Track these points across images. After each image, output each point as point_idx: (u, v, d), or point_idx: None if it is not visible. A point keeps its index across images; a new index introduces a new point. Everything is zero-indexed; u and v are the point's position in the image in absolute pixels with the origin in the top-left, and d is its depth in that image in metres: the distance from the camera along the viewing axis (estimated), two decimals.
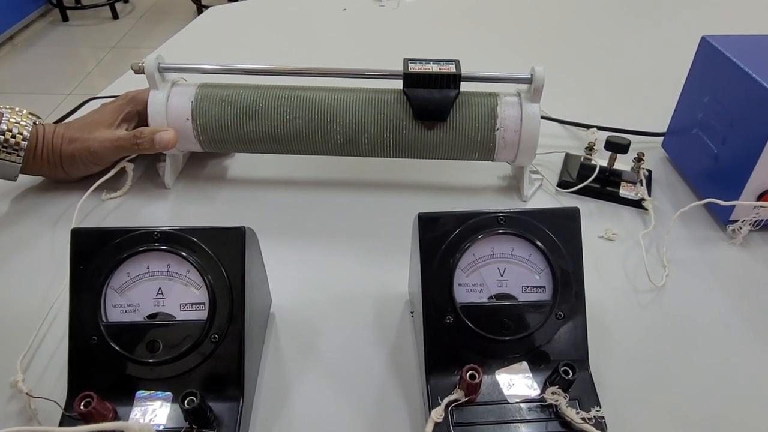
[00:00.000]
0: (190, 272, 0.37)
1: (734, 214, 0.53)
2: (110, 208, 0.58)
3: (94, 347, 0.36)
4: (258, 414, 0.39)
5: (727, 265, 0.52)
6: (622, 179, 0.60)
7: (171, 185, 0.60)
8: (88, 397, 0.33)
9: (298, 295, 0.48)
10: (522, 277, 0.38)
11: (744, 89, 0.50)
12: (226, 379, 0.36)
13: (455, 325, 0.37)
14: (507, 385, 0.37)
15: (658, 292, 0.49)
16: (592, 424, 0.34)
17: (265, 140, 0.56)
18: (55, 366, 0.42)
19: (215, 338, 0.36)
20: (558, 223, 0.39)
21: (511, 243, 0.38)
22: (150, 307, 0.37)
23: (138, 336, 0.36)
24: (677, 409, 0.40)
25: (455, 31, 1.02)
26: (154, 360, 0.36)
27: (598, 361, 0.38)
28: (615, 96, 0.79)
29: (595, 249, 0.53)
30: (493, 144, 0.55)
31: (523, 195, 0.59)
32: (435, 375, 0.37)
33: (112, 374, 0.36)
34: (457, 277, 0.38)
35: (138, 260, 0.37)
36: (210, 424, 0.35)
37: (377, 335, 0.45)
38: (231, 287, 0.37)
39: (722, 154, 0.54)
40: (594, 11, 1.10)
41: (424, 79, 0.51)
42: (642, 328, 0.46)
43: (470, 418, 0.35)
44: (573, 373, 0.35)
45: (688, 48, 0.59)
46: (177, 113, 0.55)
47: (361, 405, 0.40)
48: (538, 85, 0.53)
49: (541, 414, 0.35)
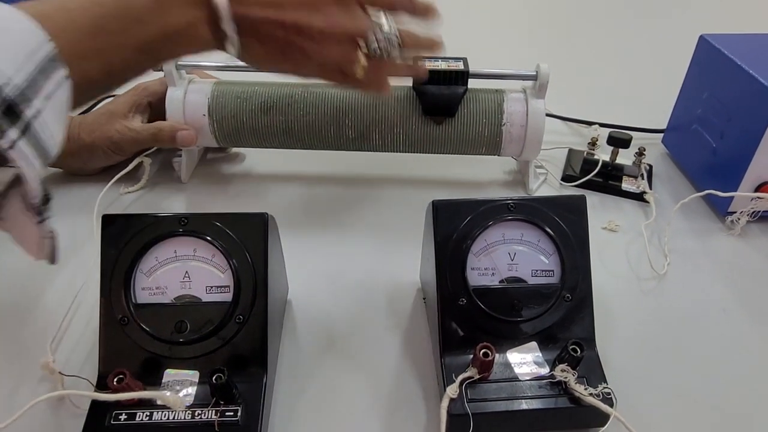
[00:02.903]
0: (215, 256, 0.39)
1: (732, 205, 0.55)
2: (128, 201, 0.59)
3: (124, 328, 0.37)
4: (279, 392, 0.41)
5: (726, 254, 0.54)
6: (624, 173, 0.62)
7: (187, 180, 0.62)
8: (121, 374, 0.35)
9: (313, 284, 0.50)
10: (531, 261, 0.40)
11: (741, 85, 0.52)
12: (250, 358, 0.38)
13: (468, 306, 0.39)
14: (518, 364, 0.38)
15: (660, 280, 0.51)
16: (600, 399, 0.36)
17: (279, 135, 0.58)
18: (82, 349, 0.43)
19: (240, 319, 0.38)
20: (565, 210, 0.41)
21: (521, 229, 0.40)
22: (177, 289, 0.38)
23: (166, 317, 0.38)
24: (678, 388, 0.42)
25: (459, 30, 1.03)
26: (183, 340, 0.37)
27: (603, 343, 0.40)
28: (616, 94, 0.82)
29: (599, 240, 0.55)
30: (500, 139, 0.57)
31: (529, 188, 0.61)
32: (449, 354, 0.39)
33: (141, 354, 0.37)
34: (470, 262, 0.40)
35: (165, 245, 0.39)
36: (235, 400, 0.36)
37: (391, 321, 0.47)
38: (255, 270, 0.38)
39: (721, 148, 0.56)
40: (595, 13, 1.12)
41: (433, 76, 0.53)
42: (645, 313, 0.48)
43: (483, 394, 0.37)
44: (581, 350, 0.37)
45: (687, 47, 0.62)
46: (194, 109, 0.57)
47: (377, 384, 0.42)
48: (543, 81, 0.55)
49: (550, 391, 0.37)
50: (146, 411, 0.35)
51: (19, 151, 0.28)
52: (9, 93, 0.27)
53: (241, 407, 0.36)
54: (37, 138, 0.29)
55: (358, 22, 0.42)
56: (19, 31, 0.28)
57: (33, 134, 0.29)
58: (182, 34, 0.37)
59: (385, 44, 0.43)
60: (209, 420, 0.35)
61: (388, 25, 0.43)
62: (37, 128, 0.29)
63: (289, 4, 0.39)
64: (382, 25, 0.43)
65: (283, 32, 0.40)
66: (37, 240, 0.32)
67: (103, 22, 0.33)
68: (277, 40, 0.40)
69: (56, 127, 0.31)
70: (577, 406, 0.36)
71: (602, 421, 0.36)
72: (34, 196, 0.30)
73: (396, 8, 0.45)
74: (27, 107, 0.28)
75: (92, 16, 0.33)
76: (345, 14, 0.41)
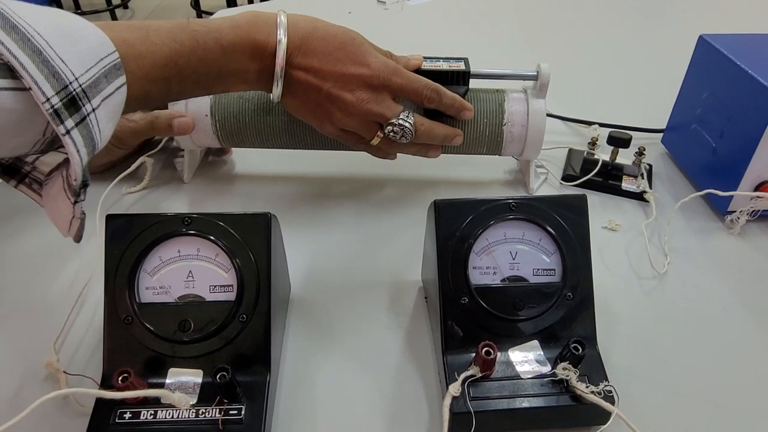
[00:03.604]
0: (218, 256, 0.39)
1: (732, 204, 0.55)
2: (130, 202, 0.60)
3: (128, 327, 0.38)
4: (282, 391, 0.41)
5: (726, 253, 0.54)
6: (624, 173, 0.62)
7: (188, 180, 0.62)
8: (126, 373, 0.35)
9: (315, 284, 0.50)
10: (533, 260, 0.40)
11: (741, 85, 0.53)
12: (253, 356, 0.38)
13: (470, 305, 0.39)
14: (519, 362, 0.39)
15: (660, 279, 0.51)
16: (601, 397, 0.36)
17: (281, 135, 0.58)
18: (86, 348, 0.44)
19: (243, 318, 0.38)
20: (566, 209, 0.41)
21: (522, 228, 0.40)
22: (181, 288, 0.38)
23: (170, 316, 0.38)
24: (679, 386, 0.42)
25: (458, 32, 1.04)
26: (187, 339, 0.37)
27: (604, 342, 0.40)
28: (616, 94, 0.82)
29: (599, 239, 0.55)
30: (501, 138, 0.57)
31: (530, 188, 0.61)
32: (451, 353, 0.39)
33: (145, 353, 0.38)
34: (472, 261, 0.40)
35: (169, 244, 0.39)
36: (239, 399, 0.36)
37: (392, 320, 0.47)
38: (258, 269, 0.39)
39: (720, 148, 0.56)
40: (595, 13, 1.12)
41: (435, 76, 0.53)
42: (645, 312, 0.48)
43: (485, 392, 0.37)
44: (583, 349, 0.37)
45: (686, 47, 0.62)
46: (197, 110, 0.57)
47: (379, 383, 0.42)
48: (544, 81, 0.56)
49: (552, 389, 0.37)
50: (150, 409, 0.35)
51: (72, 139, 0.32)
52: (75, 88, 0.32)
53: (245, 406, 0.36)
54: (89, 130, 0.33)
55: (382, 108, 0.48)
56: (93, 40, 0.33)
57: (86, 126, 0.33)
58: (236, 77, 0.44)
59: (400, 132, 0.50)
60: (213, 418, 0.35)
61: (406, 118, 0.49)
62: (91, 122, 0.33)
63: (330, 77, 0.46)
64: (400, 116, 0.49)
65: (318, 96, 0.47)
66: (69, 218, 0.36)
67: (176, 58, 0.39)
68: (311, 100, 0.48)
69: (107, 125, 0.35)
70: (579, 404, 0.37)
71: (604, 419, 0.37)
72: (76, 178, 0.33)
73: (424, 105, 0.52)
74: (86, 102, 0.32)
75: (168, 52, 0.39)
76: (373, 98, 0.48)
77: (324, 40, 0.46)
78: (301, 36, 0.45)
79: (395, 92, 0.49)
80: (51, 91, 0.30)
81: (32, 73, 0.30)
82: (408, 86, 0.49)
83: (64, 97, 0.31)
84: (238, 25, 0.43)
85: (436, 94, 0.51)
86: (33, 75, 0.30)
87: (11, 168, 0.39)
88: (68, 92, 0.31)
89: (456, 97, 0.53)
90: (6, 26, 0.30)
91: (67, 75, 0.31)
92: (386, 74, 0.48)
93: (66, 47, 0.32)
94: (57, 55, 0.31)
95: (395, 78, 0.48)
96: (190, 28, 0.40)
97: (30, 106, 0.31)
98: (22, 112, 0.31)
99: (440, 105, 0.52)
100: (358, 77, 0.47)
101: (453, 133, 0.54)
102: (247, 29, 0.43)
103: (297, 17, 0.46)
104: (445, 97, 0.52)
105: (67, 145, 0.32)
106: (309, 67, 0.46)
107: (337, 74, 0.46)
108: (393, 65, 0.49)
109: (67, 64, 0.31)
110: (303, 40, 0.45)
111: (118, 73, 0.35)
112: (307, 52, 0.45)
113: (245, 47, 0.43)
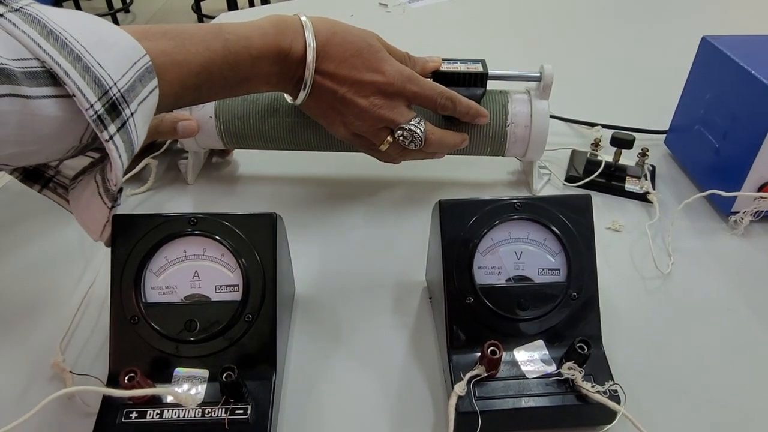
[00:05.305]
0: (224, 256, 0.39)
1: (735, 205, 0.55)
2: (135, 203, 0.60)
3: (134, 327, 0.38)
4: (287, 390, 0.41)
5: (729, 254, 0.54)
6: (627, 174, 0.62)
7: (193, 181, 0.62)
8: (132, 372, 0.35)
9: (320, 285, 0.50)
10: (538, 259, 0.40)
11: (744, 86, 0.53)
12: (259, 356, 0.38)
13: (475, 305, 0.39)
14: (525, 362, 0.39)
15: (664, 279, 0.51)
16: (607, 396, 0.36)
17: (285, 137, 0.58)
18: (92, 348, 0.44)
19: (249, 318, 0.38)
20: (571, 209, 0.41)
21: (527, 228, 0.41)
22: (187, 288, 0.39)
23: (176, 316, 0.38)
24: (683, 386, 0.42)
25: (460, 34, 1.04)
26: (193, 338, 0.38)
27: (609, 342, 0.40)
28: (619, 95, 0.82)
29: (603, 239, 0.55)
30: (505, 139, 0.57)
31: (533, 189, 0.61)
32: (457, 352, 0.39)
33: (151, 353, 0.38)
34: (477, 261, 0.40)
35: (175, 245, 0.39)
36: (245, 398, 0.37)
37: (397, 320, 0.47)
38: (263, 269, 0.39)
39: (723, 149, 0.57)
40: (598, 15, 1.13)
41: (454, 78, 0.53)
42: (649, 312, 0.48)
43: (491, 392, 0.37)
44: (588, 348, 0.37)
45: (689, 48, 0.62)
46: (201, 112, 0.57)
47: (384, 382, 0.42)
48: (548, 82, 0.56)
49: (557, 388, 0.37)
50: (157, 409, 0.36)
51: (115, 144, 0.32)
52: (114, 93, 0.32)
53: (251, 405, 0.36)
54: (129, 134, 0.33)
55: (394, 113, 0.49)
56: (125, 44, 0.34)
57: (126, 130, 0.33)
58: (259, 80, 0.45)
59: (410, 137, 0.50)
60: (219, 418, 0.35)
61: (417, 125, 0.50)
62: (130, 126, 0.34)
63: (345, 82, 0.47)
64: (411, 122, 0.50)
65: (332, 99, 0.48)
66: (103, 223, 0.37)
67: (209, 66, 0.40)
68: (326, 102, 0.48)
69: (142, 128, 0.35)
70: (585, 403, 0.37)
71: (609, 419, 0.37)
72: (116, 183, 0.34)
73: (438, 112, 0.53)
74: (126, 107, 0.33)
75: (203, 60, 0.40)
76: (387, 104, 0.48)
77: (341, 46, 0.46)
78: (321, 42, 0.45)
79: (409, 99, 0.50)
80: (94, 97, 0.30)
81: (75, 79, 0.30)
82: (422, 94, 0.50)
83: (105, 102, 0.31)
84: (266, 32, 0.44)
85: (450, 102, 0.51)
86: (76, 81, 0.30)
87: (34, 173, 0.38)
88: (109, 97, 0.31)
89: (471, 104, 0.53)
90: (45, 33, 0.30)
91: (106, 80, 0.31)
92: (401, 82, 0.48)
93: (102, 52, 0.32)
94: (95, 60, 0.31)
95: (409, 85, 0.49)
96: (222, 36, 0.41)
97: (71, 113, 0.31)
98: (63, 119, 0.31)
99: (455, 113, 0.52)
100: (373, 84, 0.47)
101: (461, 139, 0.55)
102: (274, 36, 0.44)
103: (317, 21, 0.46)
104: (460, 105, 0.52)
105: (110, 151, 0.32)
106: (326, 71, 0.46)
107: (352, 80, 0.47)
108: (408, 72, 0.49)
109: (106, 70, 0.31)
110: (323, 45, 0.45)
111: (150, 77, 0.35)
112: (325, 57, 0.46)
113: (271, 53, 0.44)
